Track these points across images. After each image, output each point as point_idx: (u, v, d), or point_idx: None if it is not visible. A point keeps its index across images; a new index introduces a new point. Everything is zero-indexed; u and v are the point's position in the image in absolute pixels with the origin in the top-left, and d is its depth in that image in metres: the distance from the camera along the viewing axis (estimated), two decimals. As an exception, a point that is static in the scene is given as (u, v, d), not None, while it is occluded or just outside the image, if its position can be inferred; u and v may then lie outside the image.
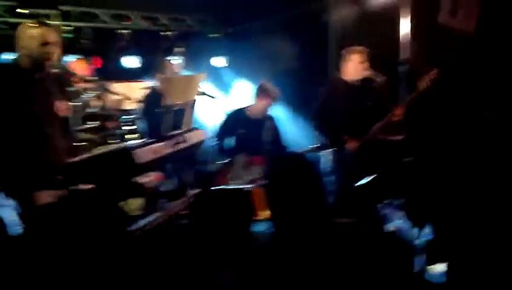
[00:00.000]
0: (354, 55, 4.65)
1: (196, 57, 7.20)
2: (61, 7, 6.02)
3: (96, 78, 5.65)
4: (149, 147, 2.89)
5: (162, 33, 7.02)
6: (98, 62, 6.36)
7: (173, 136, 3.13)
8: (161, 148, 2.97)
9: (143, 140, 3.03)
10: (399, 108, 4.55)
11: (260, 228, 4.68)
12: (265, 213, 3.68)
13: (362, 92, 4.75)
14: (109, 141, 4.97)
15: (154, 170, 3.09)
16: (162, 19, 7.05)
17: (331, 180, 5.27)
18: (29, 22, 3.27)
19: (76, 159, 3.06)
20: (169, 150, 3.04)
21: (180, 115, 3.22)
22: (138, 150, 2.77)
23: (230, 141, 4.78)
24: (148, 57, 6.83)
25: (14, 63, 3.36)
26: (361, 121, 4.69)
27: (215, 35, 7.64)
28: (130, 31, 6.62)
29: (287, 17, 7.10)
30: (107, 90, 5.78)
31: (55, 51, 3.30)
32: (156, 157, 2.90)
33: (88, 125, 5.16)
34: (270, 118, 4.90)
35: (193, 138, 3.33)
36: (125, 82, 6.12)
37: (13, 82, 3.19)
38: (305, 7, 6.95)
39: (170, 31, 7.05)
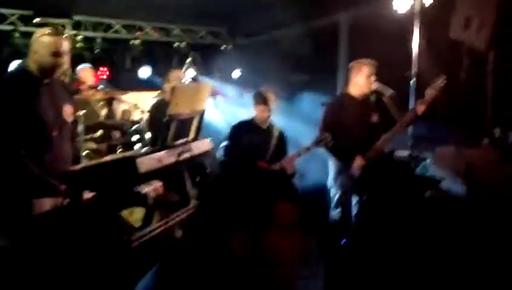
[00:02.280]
0: (362, 68, 4.51)
1: (208, 68, 7.26)
2: (74, 16, 6.08)
3: (104, 87, 5.61)
4: (152, 156, 2.84)
5: (175, 44, 7.08)
6: (107, 72, 6.40)
7: (177, 145, 3.09)
8: (165, 157, 2.92)
9: (146, 149, 2.98)
10: (421, 104, 4.32)
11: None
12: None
13: (369, 107, 4.67)
14: (115, 151, 4.97)
15: (156, 180, 3.06)
16: (175, 30, 7.12)
17: (333, 194, 5.23)
18: (43, 30, 3.17)
19: (79, 166, 3.02)
20: (173, 160, 2.99)
21: (187, 125, 3.18)
22: (141, 159, 2.72)
23: (237, 152, 4.75)
24: (160, 67, 6.89)
25: (22, 68, 3.35)
26: (368, 136, 4.62)
27: (228, 46, 7.70)
28: (142, 41, 6.70)
29: (298, 30, 7.15)
30: (115, 100, 5.82)
31: (65, 61, 3.23)
32: (159, 167, 2.85)
33: (94, 135, 5.16)
34: (276, 128, 4.80)
35: (199, 147, 3.28)
36: (136, 92, 6.09)
37: (20, 86, 3.16)
38: (315, 22, 7.02)
39: (182, 42, 7.08)
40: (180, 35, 7.17)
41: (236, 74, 7.40)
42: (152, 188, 3.12)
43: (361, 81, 4.51)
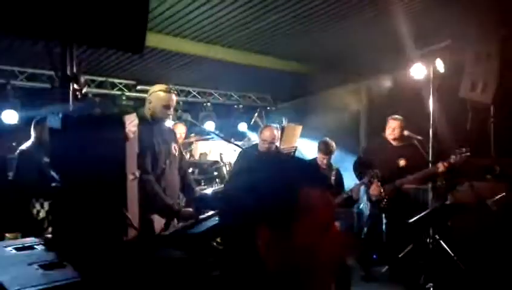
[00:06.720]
0: (395, 122, 5.51)
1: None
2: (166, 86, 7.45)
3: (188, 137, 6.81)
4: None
5: (235, 106, 8.87)
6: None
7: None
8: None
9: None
10: (443, 165, 5.07)
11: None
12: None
13: (399, 151, 5.48)
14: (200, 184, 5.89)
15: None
16: (234, 95, 8.86)
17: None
18: (160, 86, 3.72)
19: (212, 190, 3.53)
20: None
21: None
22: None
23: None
24: (221, 123, 8.40)
25: (140, 115, 3.29)
26: (394, 176, 5.37)
27: (272, 108, 9.38)
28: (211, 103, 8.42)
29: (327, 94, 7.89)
30: (194, 145, 6.99)
31: (171, 113, 3.77)
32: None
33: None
34: (334, 169, 5.64)
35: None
36: (206, 140, 7.21)
37: (141, 128, 3.06)
38: (343, 88, 7.89)
39: (240, 104, 8.80)
40: (238, 99, 8.89)
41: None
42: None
43: (394, 131, 5.53)
